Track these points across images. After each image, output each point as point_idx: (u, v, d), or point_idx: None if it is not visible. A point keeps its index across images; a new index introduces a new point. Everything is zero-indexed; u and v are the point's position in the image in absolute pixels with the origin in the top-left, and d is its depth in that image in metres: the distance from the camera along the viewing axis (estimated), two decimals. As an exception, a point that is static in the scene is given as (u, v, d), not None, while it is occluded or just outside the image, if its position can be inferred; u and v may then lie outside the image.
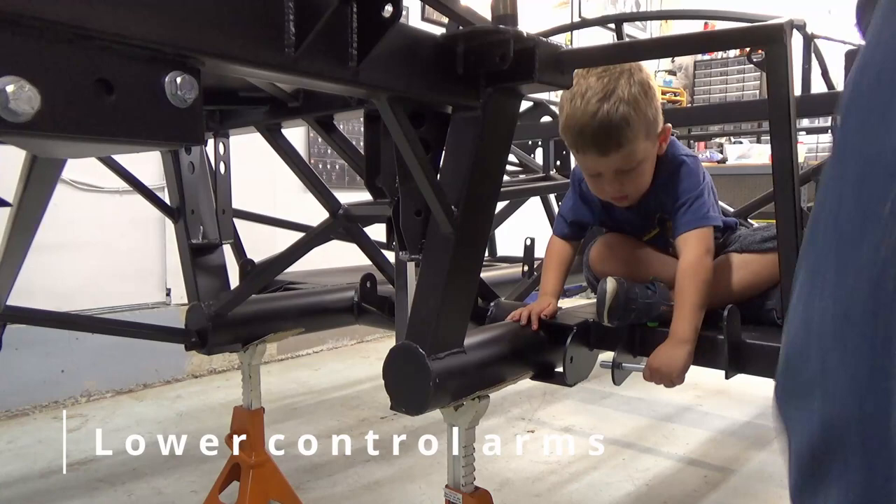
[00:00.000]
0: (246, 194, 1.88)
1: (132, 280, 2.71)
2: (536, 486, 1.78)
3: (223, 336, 1.42)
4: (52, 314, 1.37)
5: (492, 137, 0.96)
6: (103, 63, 0.56)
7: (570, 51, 0.97)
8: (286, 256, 1.46)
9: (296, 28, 0.69)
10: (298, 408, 2.48)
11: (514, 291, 1.58)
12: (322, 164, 3.40)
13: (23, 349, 2.30)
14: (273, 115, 1.35)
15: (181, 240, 1.46)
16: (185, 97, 0.61)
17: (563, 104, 1.17)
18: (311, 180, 1.49)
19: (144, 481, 1.81)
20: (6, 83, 0.49)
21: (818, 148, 4.81)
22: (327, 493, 1.74)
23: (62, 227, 2.41)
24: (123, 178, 1.45)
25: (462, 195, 0.95)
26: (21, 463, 1.94)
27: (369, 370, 2.99)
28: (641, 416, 2.37)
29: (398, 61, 0.83)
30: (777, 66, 0.91)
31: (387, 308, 1.55)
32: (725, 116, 2.04)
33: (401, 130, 0.88)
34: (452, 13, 0.91)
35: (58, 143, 0.63)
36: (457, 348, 1.00)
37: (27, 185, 0.92)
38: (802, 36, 1.95)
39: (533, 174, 2.26)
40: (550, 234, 1.40)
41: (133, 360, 2.63)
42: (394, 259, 1.14)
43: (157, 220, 2.69)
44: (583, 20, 3.43)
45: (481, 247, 1.04)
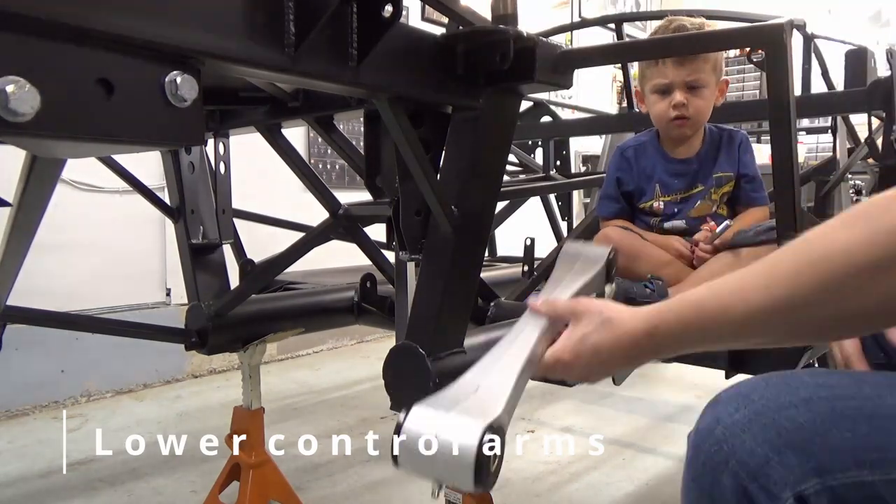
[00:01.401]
0: (246, 194, 1.88)
1: (132, 280, 2.71)
2: (536, 486, 1.78)
3: (223, 336, 1.42)
4: (52, 314, 1.37)
5: (492, 137, 0.96)
6: (103, 63, 0.56)
7: (570, 51, 0.97)
8: (286, 256, 1.46)
9: (296, 28, 0.69)
10: (298, 408, 2.48)
11: (514, 291, 1.57)
12: (322, 164, 3.40)
13: (23, 349, 2.29)
14: (273, 115, 1.35)
15: (181, 240, 1.46)
16: (185, 97, 0.61)
17: (654, 27, 1.37)
18: (311, 180, 1.49)
19: (144, 481, 1.81)
20: (6, 83, 0.49)
21: (818, 148, 4.81)
22: (327, 493, 1.74)
23: (62, 227, 2.40)
24: (123, 178, 1.45)
25: (462, 195, 0.95)
26: (21, 463, 1.94)
27: (369, 370, 2.99)
28: (641, 416, 2.37)
29: (398, 61, 0.83)
30: (777, 66, 0.91)
31: (387, 308, 1.55)
32: (725, 116, 2.03)
33: (401, 130, 0.88)
34: (452, 13, 0.91)
35: (58, 143, 0.63)
36: (457, 348, 0.99)
37: (27, 185, 0.92)
38: (802, 36, 1.95)
39: (533, 174, 2.26)
40: (550, 234, 1.41)
41: (133, 360, 2.62)
42: (394, 259, 1.14)
43: (157, 220, 2.68)
44: (583, 20, 3.43)
45: (481, 247, 1.04)
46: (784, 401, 0.47)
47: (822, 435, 0.45)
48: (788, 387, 0.49)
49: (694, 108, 1.32)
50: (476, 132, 0.94)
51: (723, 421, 0.48)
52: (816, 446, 0.44)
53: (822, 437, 0.44)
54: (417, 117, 0.96)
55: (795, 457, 0.44)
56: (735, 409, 0.48)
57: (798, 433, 0.45)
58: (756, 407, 0.47)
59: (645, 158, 1.42)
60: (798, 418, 0.46)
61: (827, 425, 0.45)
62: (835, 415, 0.45)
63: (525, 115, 2.35)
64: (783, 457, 0.45)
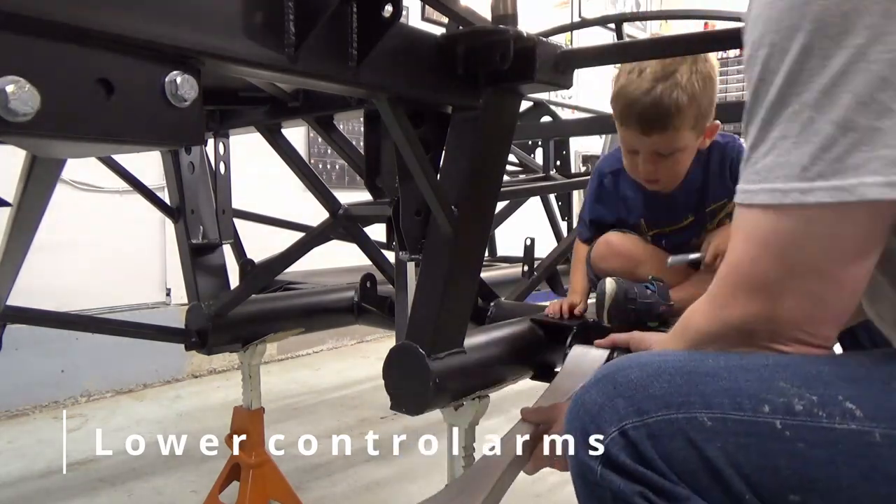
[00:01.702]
0: (246, 194, 1.88)
1: (132, 280, 2.71)
2: (536, 486, 1.77)
3: (223, 336, 1.42)
4: (52, 314, 1.37)
5: (492, 137, 0.96)
6: (103, 63, 0.56)
7: (570, 51, 0.97)
8: (286, 256, 1.46)
9: (296, 28, 0.69)
10: (298, 408, 2.48)
11: (514, 291, 1.58)
12: (322, 164, 3.40)
13: (23, 349, 2.30)
14: (273, 115, 1.35)
15: (181, 240, 1.46)
16: (185, 97, 0.61)
17: (619, 73, 1.16)
18: (311, 180, 1.49)
19: (144, 481, 1.81)
20: (6, 83, 0.49)
21: (818, 148, 4.80)
22: (327, 493, 1.74)
23: (62, 227, 2.41)
24: (123, 178, 1.45)
25: (462, 195, 0.95)
26: (21, 463, 1.94)
27: (369, 370, 2.99)
28: (641, 416, 2.37)
29: (398, 61, 0.83)
30: (777, 66, 0.91)
31: (387, 308, 1.55)
32: (725, 116, 2.03)
33: (401, 130, 0.88)
34: (452, 13, 0.91)
35: (58, 143, 0.63)
36: (457, 348, 1.00)
37: (27, 185, 0.92)
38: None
39: (533, 174, 2.26)
40: (551, 234, 1.40)
41: (133, 360, 2.62)
42: (394, 259, 1.14)
43: (157, 220, 2.68)
44: (583, 20, 3.43)
45: (481, 247, 1.04)
46: (625, 364, 0.62)
47: (645, 386, 0.58)
48: (635, 357, 0.63)
49: (664, 172, 1.19)
50: (476, 132, 0.94)
51: (585, 386, 0.62)
52: (639, 394, 0.58)
53: (644, 387, 0.58)
54: (417, 117, 0.96)
55: (623, 402, 0.58)
56: (594, 376, 0.63)
57: (628, 386, 0.59)
58: (605, 370, 0.62)
59: (625, 185, 1.30)
60: (630, 375, 0.59)
61: (651, 379, 0.59)
62: (659, 372, 0.59)
63: (525, 115, 2.35)
64: (614, 402, 0.58)
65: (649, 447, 0.56)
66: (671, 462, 0.56)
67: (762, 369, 0.58)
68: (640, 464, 0.56)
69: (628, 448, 0.56)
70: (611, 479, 0.57)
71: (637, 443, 0.56)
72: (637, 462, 0.56)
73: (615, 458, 0.57)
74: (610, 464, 0.57)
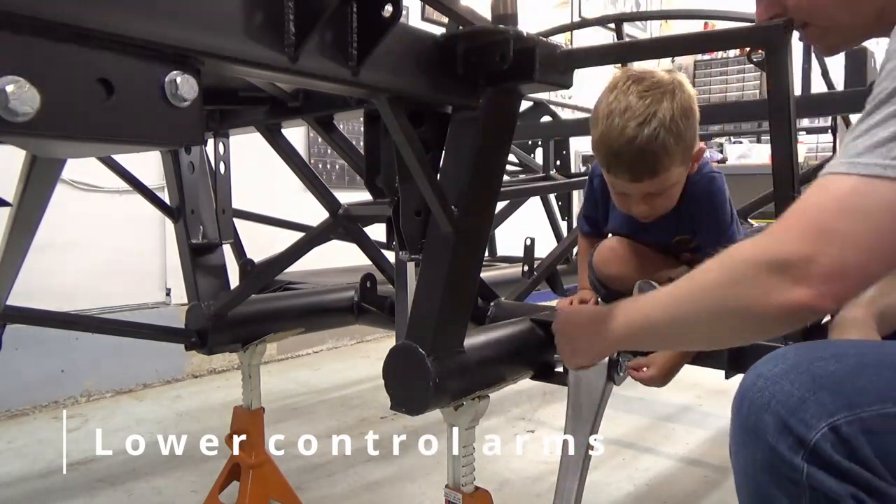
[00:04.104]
0: (246, 194, 1.88)
1: (132, 280, 2.71)
2: (536, 486, 1.78)
3: (223, 336, 1.42)
4: (52, 314, 1.37)
5: (492, 137, 0.96)
6: (103, 63, 0.56)
7: (570, 51, 0.97)
8: (286, 256, 1.46)
9: (296, 28, 0.69)
10: (298, 408, 2.48)
11: (514, 291, 1.58)
12: (322, 164, 3.40)
13: (23, 349, 2.30)
14: (273, 115, 1.35)
15: (181, 240, 1.46)
16: (185, 97, 0.61)
17: (597, 117, 1.09)
18: (311, 180, 1.49)
19: (144, 481, 1.81)
20: (6, 83, 0.49)
21: (818, 148, 4.80)
22: (327, 493, 1.74)
23: (62, 227, 2.41)
24: (123, 178, 1.45)
25: (462, 195, 0.95)
26: (21, 463, 1.94)
27: (369, 370, 2.99)
28: (641, 416, 2.37)
29: (398, 61, 0.83)
30: (777, 66, 0.91)
31: (387, 308, 1.55)
32: (725, 116, 2.04)
33: (401, 130, 0.88)
34: (452, 13, 0.91)
35: (58, 143, 0.63)
36: (457, 348, 1.00)
37: (27, 185, 0.92)
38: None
39: (533, 174, 2.26)
40: (551, 234, 1.40)
41: (133, 360, 2.62)
42: (394, 259, 1.14)
43: (157, 220, 2.68)
44: (583, 20, 3.43)
45: (481, 247, 1.04)
46: (816, 355, 0.57)
47: (852, 379, 0.54)
48: (818, 347, 0.59)
49: (658, 207, 1.16)
50: (476, 132, 0.94)
51: (763, 375, 0.57)
52: (847, 387, 0.54)
53: (851, 380, 0.54)
54: (417, 117, 0.96)
55: (829, 395, 0.53)
56: (774, 366, 0.57)
57: (830, 378, 0.54)
58: (791, 361, 0.57)
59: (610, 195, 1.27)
60: (829, 367, 0.55)
61: (855, 372, 0.55)
62: (861, 365, 0.55)
63: (525, 115, 2.35)
64: (818, 396, 0.53)
65: (864, 443, 0.52)
66: (888, 460, 0.52)
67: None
68: (855, 462, 0.52)
69: (840, 445, 0.52)
70: (820, 478, 0.53)
71: (850, 439, 0.52)
72: (850, 460, 0.52)
73: (826, 456, 0.53)
74: (818, 461, 0.53)
